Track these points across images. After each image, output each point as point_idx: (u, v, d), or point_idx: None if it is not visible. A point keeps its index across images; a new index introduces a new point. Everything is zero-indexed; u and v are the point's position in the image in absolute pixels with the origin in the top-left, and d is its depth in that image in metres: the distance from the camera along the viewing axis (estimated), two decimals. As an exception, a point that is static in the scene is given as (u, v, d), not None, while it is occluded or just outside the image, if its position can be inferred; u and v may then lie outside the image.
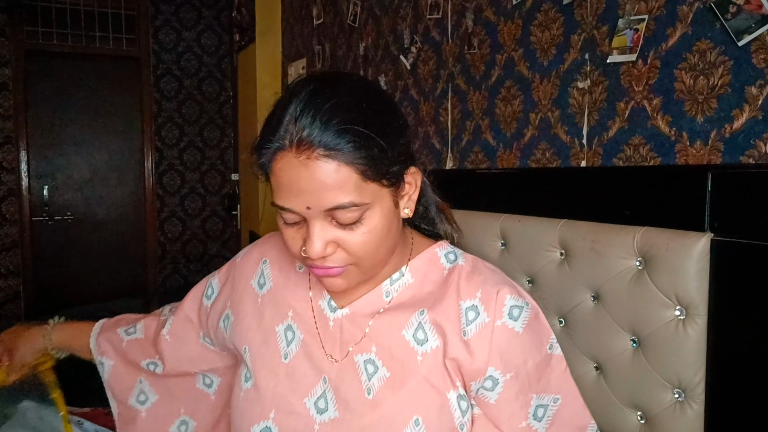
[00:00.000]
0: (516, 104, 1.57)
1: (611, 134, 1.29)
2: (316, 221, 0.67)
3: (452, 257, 0.80)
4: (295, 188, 0.65)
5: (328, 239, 0.68)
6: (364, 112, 0.66)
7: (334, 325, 0.79)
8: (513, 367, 0.73)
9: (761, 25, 0.98)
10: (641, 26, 1.21)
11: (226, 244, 4.62)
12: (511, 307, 0.73)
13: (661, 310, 1.07)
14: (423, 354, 0.73)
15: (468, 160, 1.78)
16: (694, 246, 1.02)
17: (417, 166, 0.74)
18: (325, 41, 2.87)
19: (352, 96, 0.67)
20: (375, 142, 0.65)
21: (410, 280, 0.79)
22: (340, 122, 0.63)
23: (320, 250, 0.67)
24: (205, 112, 4.48)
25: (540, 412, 0.74)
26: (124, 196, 4.32)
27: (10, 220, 3.97)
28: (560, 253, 1.28)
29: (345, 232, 0.68)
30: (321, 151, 0.63)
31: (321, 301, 0.81)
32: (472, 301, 0.74)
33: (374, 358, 0.75)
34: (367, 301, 0.78)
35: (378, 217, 0.68)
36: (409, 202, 0.74)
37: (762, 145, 0.99)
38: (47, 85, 4.04)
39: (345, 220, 0.67)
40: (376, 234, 0.69)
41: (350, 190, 0.65)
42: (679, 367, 1.04)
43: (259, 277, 0.87)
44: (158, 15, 4.29)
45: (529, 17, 1.52)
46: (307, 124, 0.63)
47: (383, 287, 0.78)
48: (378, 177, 0.67)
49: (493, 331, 0.72)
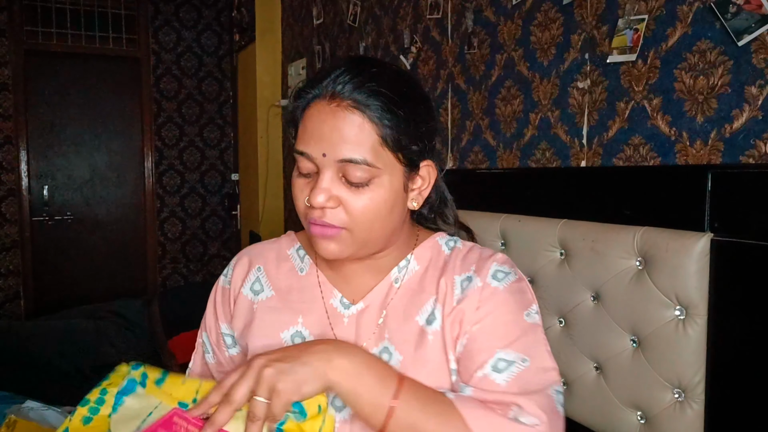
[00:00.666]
0: (516, 104, 1.57)
1: (611, 134, 1.29)
2: (327, 171, 0.70)
3: (452, 243, 0.84)
4: (317, 133, 0.70)
5: (333, 193, 0.71)
6: (398, 86, 0.72)
7: (348, 322, 0.80)
8: (482, 318, 0.74)
9: (761, 25, 0.98)
10: (641, 26, 1.21)
11: (226, 244, 4.62)
12: (495, 271, 0.77)
13: (661, 310, 1.07)
14: (433, 332, 0.76)
15: (468, 160, 1.78)
16: (694, 246, 1.02)
17: (435, 164, 0.78)
18: (325, 41, 2.87)
19: (391, 72, 0.74)
20: (401, 113, 0.70)
21: (416, 267, 0.82)
22: (375, 85, 0.69)
23: (323, 200, 0.71)
24: (205, 112, 4.47)
25: (501, 365, 0.71)
26: (124, 196, 4.32)
27: (10, 220, 3.97)
28: (560, 253, 1.28)
29: (350, 192, 0.71)
30: (351, 102, 0.69)
31: (332, 300, 0.81)
32: (467, 273, 0.78)
33: (388, 345, 0.77)
34: (378, 293, 0.80)
35: (385, 188, 0.72)
36: (418, 196, 0.78)
37: (762, 145, 0.99)
38: (47, 85, 4.03)
39: (354, 179, 0.70)
40: (378, 204, 0.72)
41: (367, 149, 0.69)
42: (679, 367, 1.04)
43: (253, 284, 0.86)
44: (158, 15, 4.29)
45: (529, 17, 1.52)
46: (344, 81, 0.70)
47: (392, 275, 0.81)
48: (395, 148, 0.71)
49: (480, 291, 0.76)
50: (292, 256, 0.88)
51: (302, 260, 0.87)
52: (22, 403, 1.81)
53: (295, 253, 0.88)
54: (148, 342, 2.77)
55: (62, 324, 2.86)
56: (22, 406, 1.74)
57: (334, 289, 0.82)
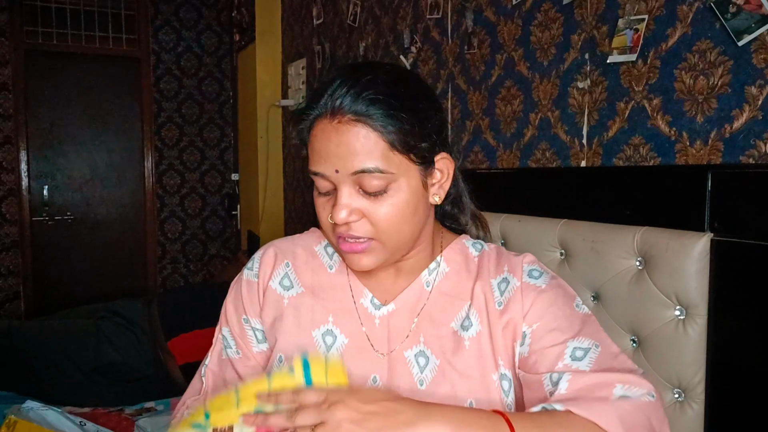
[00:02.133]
0: (516, 104, 1.57)
1: (611, 134, 1.29)
2: (344, 187, 0.71)
3: (479, 246, 0.84)
4: (325, 152, 0.70)
5: (354, 206, 0.71)
6: (396, 88, 0.71)
7: (380, 323, 0.79)
8: (540, 317, 0.74)
9: (761, 24, 0.98)
10: (641, 26, 1.21)
11: (226, 244, 4.62)
12: (530, 270, 0.78)
13: (661, 310, 1.07)
14: (470, 339, 0.76)
15: (468, 160, 1.78)
16: (694, 246, 1.02)
17: (452, 156, 0.78)
18: (325, 41, 2.87)
19: (386, 75, 0.72)
20: (403, 115, 0.70)
21: (446, 269, 0.81)
22: (372, 93, 0.69)
23: (345, 216, 0.70)
24: (205, 112, 4.47)
25: (579, 354, 0.70)
26: (124, 196, 4.32)
27: (10, 220, 3.96)
28: (560, 253, 1.28)
29: (371, 202, 0.71)
30: (351, 116, 0.69)
31: (362, 300, 0.81)
32: (502, 275, 0.79)
33: (424, 349, 0.77)
34: (409, 295, 0.80)
35: (404, 191, 0.71)
36: (439, 189, 0.77)
37: (762, 145, 0.99)
38: (47, 85, 4.03)
39: (371, 188, 0.70)
40: (401, 208, 0.71)
41: (377, 157, 0.69)
42: (679, 367, 1.04)
43: (282, 278, 0.84)
44: (158, 15, 4.29)
45: (529, 17, 1.52)
46: (342, 94, 0.69)
47: (422, 278, 0.81)
48: (405, 150, 0.70)
49: (521, 290, 0.76)
50: (320, 253, 0.87)
51: (331, 257, 0.86)
52: (22, 403, 1.81)
53: (323, 250, 0.87)
54: (148, 342, 2.77)
55: (62, 324, 2.86)
56: (22, 407, 1.74)
57: (365, 288, 0.81)
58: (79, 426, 1.74)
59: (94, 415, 2.00)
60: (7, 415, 1.73)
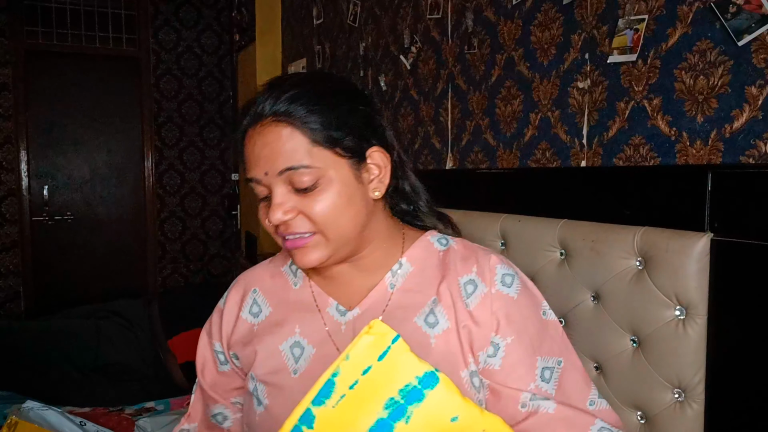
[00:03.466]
0: (516, 104, 1.57)
1: (611, 134, 1.29)
2: (276, 188, 0.73)
3: (444, 241, 0.84)
4: (253, 157, 0.73)
5: (289, 206, 0.73)
6: (313, 86, 0.75)
7: (346, 329, 0.80)
8: (513, 331, 0.75)
9: (761, 25, 0.98)
10: (641, 26, 1.21)
11: (226, 244, 4.62)
12: (503, 275, 0.78)
13: (661, 310, 1.07)
14: (435, 336, 0.76)
15: (468, 160, 1.78)
16: (694, 246, 1.02)
17: (386, 150, 0.79)
18: (325, 41, 2.87)
19: (304, 77, 0.77)
20: (323, 110, 0.72)
21: (410, 269, 0.81)
22: (288, 95, 0.72)
23: (281, 216, 0.72)
24: (205, 112, 4.47)
25: (546, 374, 0.75)
26: (124, 196, 4.32)
27: (10, 220, 3.97)
28: (560, 253, 1.28)
29: (304, 199, 0.72)
30: (272, 117, 0.72)
31: (328, 309, 0.82)
32: (469, 276, 0.78)
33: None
34: (374, 298, 0.80)
35: (335, 184, 0.73)
36: (379, 184, 0.78)
37: (762, 145, 0.99)
38: (47, 85, 4.03)
39: (301, 184, 0.72)
40: (334, 200, 0.73)
41: (301, 154, 0.71)
42: (679, 367, 1.04)
43: (251, 306, 0.87)
44: (158, 15, 4.29)
45: (529, 17, 1.52)
46: (263, 101, 0.73)
47: (386, 280, 0.81)
48: (329, 144, 0.72)
49: (492, 299, 0.76)
50: (286, 272, 0.89)
51: (295, 275, 0.87)
52: (22, 403, 1.81)
53: (288, 269, 0.89)
54: (148, 342, 2.77)
55: (62, 324, 2.86)
56: (22, 406, 1.74)
57: (329, 297, 0.82)
58: (79, 426, 1.74)
59: (94, 415, 2.00)
60: (8, 415, 1.73)
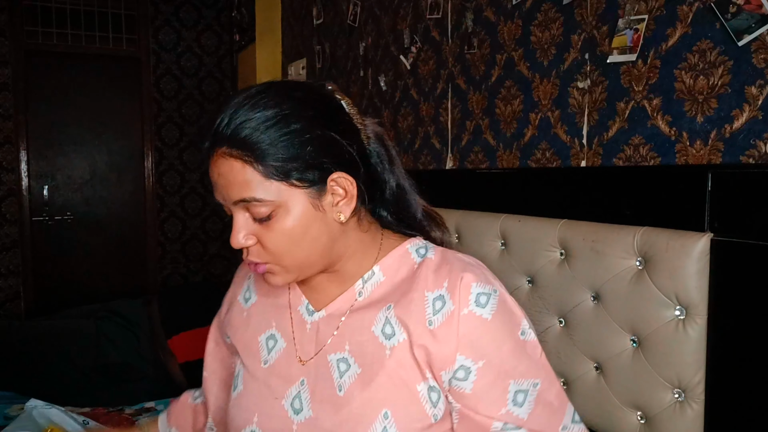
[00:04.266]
0: (516, 104, 1.58)
1: (611, 134, 1.29)
2: (236, 214, 0.72)
3: (422, 251, 0.79)
4: (213, 183, 0.73)
5: (247, 231, 0.72)
6: (268, 114, 0.69)
7: (311, 328, 0.81)
8: (484, 354, 0.71)
9: (761, 25, 0.98)
10: (641, 26, 1.21)
11: (226, 244, 4.59)
12: (477, 295, 0.72)
13: (661, 310, 1.07)
14: (391, 348, 0.74)
15: (468, 160, 1.78)
16: (694, 246, 1.02)
17: (350, 174, 0.73)
18: (325, 41, 2.87)
19: (260, 101, 0.70)
20: (276, 143, 0.69)
21: (382, 278, 0.79)
22: (242, 123, 0.69)
23: (238, 241, 0.72)
24: (205, 112, 4.47)
25: (520, 398, 0.72)
26: (124, 196, 4.32)
27: (10, 220, 3.96)
28: (560, 253, 1.28)
29: (262, 228, 0.72)
30: (225, 149, 0.69)
31: (300, 307, 0.84)
32: (440, 291, 0.73)
33: (347, 356, 0.76)
34: (341, 302, 0.80)
35: (291, 216, 0.71)
36: (344, 207, 0.74)
37: (762, 145, 0.99)
38: (47, 85, 4.03)
39: (256, 215, 0.71)
40: (289, 232, 0.71)
41: (253, 187, 0.69)
42: (679, 367, 1.04)
43: (245, 292, 0.92)
44: (158, 15, 4.29)
45: (529, 17, 1.52)
46: (218, 128, 0.70)
47: (356, 287, 0.79)
48: (282, 177, 0.69)
49: (459, 320, 0.71)
50: None
51: None
52: (22, 403, 1.81)
53: None
54: (148, 342, 2.77)
55: (62, 324, 2.86)
56: (26, 405, 1.74)
57: (302, 295, 0.84)
58: (82, 425, 1.74)
59: (94, 414, 2.00)
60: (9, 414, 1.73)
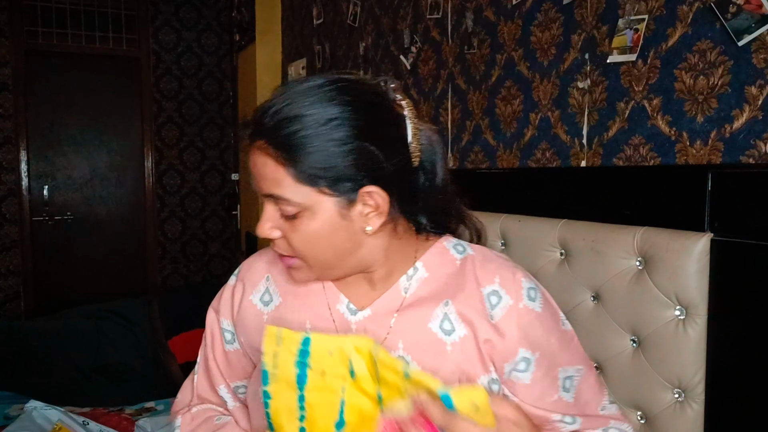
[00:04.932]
0: (516, 104, 1.57)
1: (611, 134, 1.29)
2: (266, 204, 0.73)
3: (461, 248, 0.82)
4: (250, 170, 0.73)
5: (273, 224, 0.73)
6: (315, 117, 0.68)
7: (356, 329, 0.79)
8: (539, 345, 0.76)
9: (761, 25, 0.98)
10: (641, 26, 1.21)
11: (226, 244, 4.62)
12: (528, 289, 0.77)
13: (661, 310, 1.07)
14: (452, 343, 0.75)
15: (468, 160, 1.78)
16: (694, 246, 1.02)
17: (384, 189, 0.71)
18: (325, 41, 2.87)
19: (311, 100, 0.69)
20: (313, 150, 0.67)
21: (425, 274, 0.80)
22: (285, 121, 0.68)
23: (264, 231, 0.73)
24: (205, 112, 4.47)
25: (567, 384, 0.77)
26: (124, 196, 4.32)
27: (10, 220, 3.96)
28: (560, 253, 1.28)
29: (286, 223, 0.72)
30: (263, 143, 0.70)
31: (339, 306, 0.80)
32: (492, 287, 0.77)
33: (403, 354, 0.76)
34: (386, 300, 0.79)
35: (316, 222, 0.70)
36: (374, 219, 0.72)
37: (762, 145, 0.99)
38: (47, 85, 4.03)
39: (284, 211, 0.71)
40: (312, 235, 0.71)
41: (283, 186, 0.69)
42: (679, 367, 1.04)
43: (263, 294, 0.86)
44: (158, 15, 4.29)
45: (529, 17, 1.52)
46: (262, 115, 0.70)
47: (400, 284, 0.79)
48: (312, 183, 0.69)
49: (518, 313, 0.75)
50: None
51: None
52: (22, 403, 1.81)
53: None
54: (148, 342, 2.77)
55: (62, 324, 2.86)
56: (26, 406, 1.74)
57: (340, 294, 0.81)
58: (82, 425, 1.74)
59: (94, 415, 2.00)
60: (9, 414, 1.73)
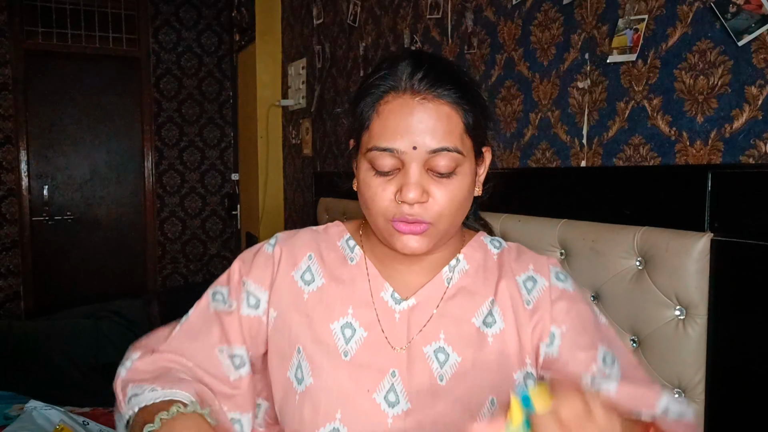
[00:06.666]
0: (516, 104, 1.57)
1: (611, 134, 1.29)
2: (414, 165, 0.70)
3: (497, 243, 0.86)
4: (403, 127, 0.69)
5: (424, 187, 0.70)
6: (462, 75, 0.75)
7: (400, 318, 0.78)
8: (569, 319, 0.77)
9: (761, 25, 0.98)
10: (641, 26, 1.21)
11: (226, 244, 4.62)
12: (557, 273, 0.81)
13: (661, 310, 1.07)
14: (493, 335, 0.77)
15: (468, 160, 1.78)
16: (694, 246, 1.02)
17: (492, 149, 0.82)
18: (325, 41, 2.87)
19: (451, 63, 0.77)
20: (477, 100, 0.74)
21: (466, 267, 0.82)
22: (448, 76, 0.72)
23: (418, 194, 0.69)
24: (205, 112, 4.47)
25: (608, 359, 0.76)
26: (124, 196, 4.32)
27: (10, 220, 3.96)
28: (560, 253, 1.28)
29: (437, 184, 0.71)
30: (435, 95, 0.70)
31: (383, 293, 0.80)
32: (527, 273, 0.80)
33: (443, 345, 0.77)
34: (430, 290, 0.80)
35: (466, 174, 0.73)
36: (481, 181, 0.81)
37: (762, 145, 0.99)
38: (47, 85, 4.03)
39: (442, 169, 0.70)
40: (462, 191, 0.73)
41: (456, 137, 0.71)
42: (679, 367, 1.04)
43: (305, 272, 0.81)
44: (158, 15, 4.29)
45: (529, 17, 1.52)
46: (425, 70, 0.70)
47: (443, 274, 0.81)
48: (474, 133, 0.73)
49: (551, 292, 0.78)
50: (342, 247, 0.85)
51: (352, 250, 0.84)
52: (22, 403, 1.81)
53: (345, 244, 0.85)
54: (148, 342, 2.76)
55: (62, 324, 2.86)
56: (26, 406, 1.74)
57: (385, 282, 0.80)
58: (82, 425, 1.74)
59: (94, 414, 2.00)
60: (9, 414, 1.73)
